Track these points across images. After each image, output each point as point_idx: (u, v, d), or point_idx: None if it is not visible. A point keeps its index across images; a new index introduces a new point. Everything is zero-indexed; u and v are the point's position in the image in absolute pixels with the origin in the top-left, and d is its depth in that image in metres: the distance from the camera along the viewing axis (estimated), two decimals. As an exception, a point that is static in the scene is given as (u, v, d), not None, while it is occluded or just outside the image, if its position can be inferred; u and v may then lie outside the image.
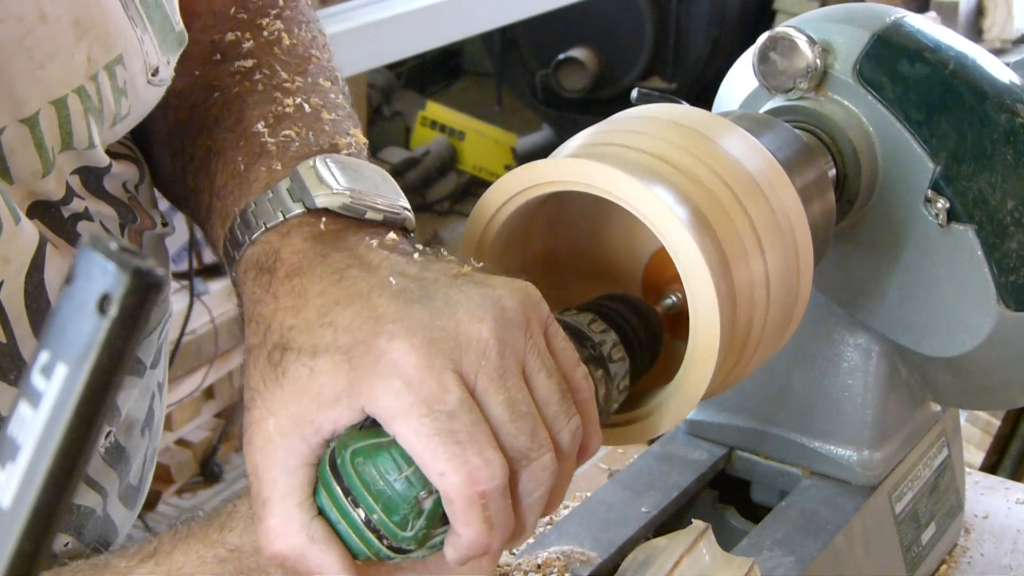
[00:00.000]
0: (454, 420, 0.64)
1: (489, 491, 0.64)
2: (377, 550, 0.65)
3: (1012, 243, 0.95)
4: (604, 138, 0.81)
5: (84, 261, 0.39)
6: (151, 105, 0.84)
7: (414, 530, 0.65)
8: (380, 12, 2.87)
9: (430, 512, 0.65)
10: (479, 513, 0.64)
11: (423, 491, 0.65)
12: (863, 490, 1.07)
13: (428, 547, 0.67)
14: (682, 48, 4.21)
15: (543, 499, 0.68)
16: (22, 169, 0.74)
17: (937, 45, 0.98)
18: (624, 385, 0.76)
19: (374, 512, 0.65)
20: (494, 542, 0.65)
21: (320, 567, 0.65)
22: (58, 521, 0.40)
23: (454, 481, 0.63)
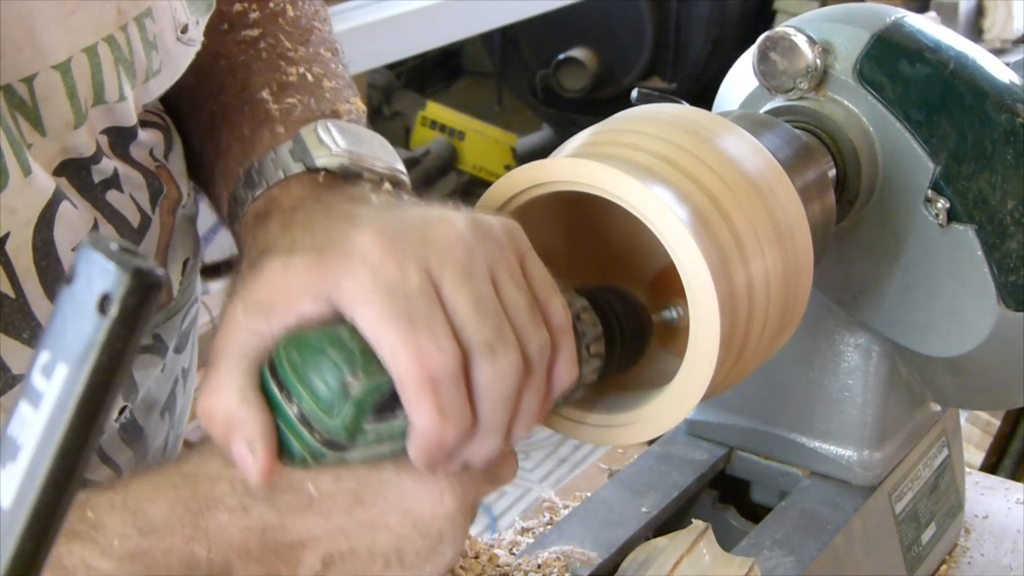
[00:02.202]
0: (411, 303, 0.64)
1: (439, 374, 0.63)
2: (310, 446, 0.64)
3: (1012, 243, 0.95)
4: (604, 138, 0.81)
5: (84, 261, 0.40)
6: (182, 65, 0.85)
7: (341, 416, 0.64)
8: (380, 12, 2.87)
9: (359, 399, 0.64)
10: (430, 397, 0.63)
11: (349, 374, 0.63)
12: (863, 490, 1.07)
13: (364, 447, 0.65)
14: (682, 48, 4.20)
15: (507, 402, 0.66)
16: (54, 119, 0.75)
17: (937, 45, 0.98)
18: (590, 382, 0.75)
19: (303, 400, 0.64)
20: (447, 433, 0.64)
21: (242, 424, 0.64)
22: (58, 521, 0.40)
23: (404, 361, 0.63)
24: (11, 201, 0.72)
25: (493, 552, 0.99)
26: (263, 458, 0.64)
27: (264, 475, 0.64)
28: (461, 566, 0.96)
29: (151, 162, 0.86)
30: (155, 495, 0.66)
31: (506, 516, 3.12)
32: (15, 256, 0.73)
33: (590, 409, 0.80)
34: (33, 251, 0.74)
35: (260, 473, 0.64)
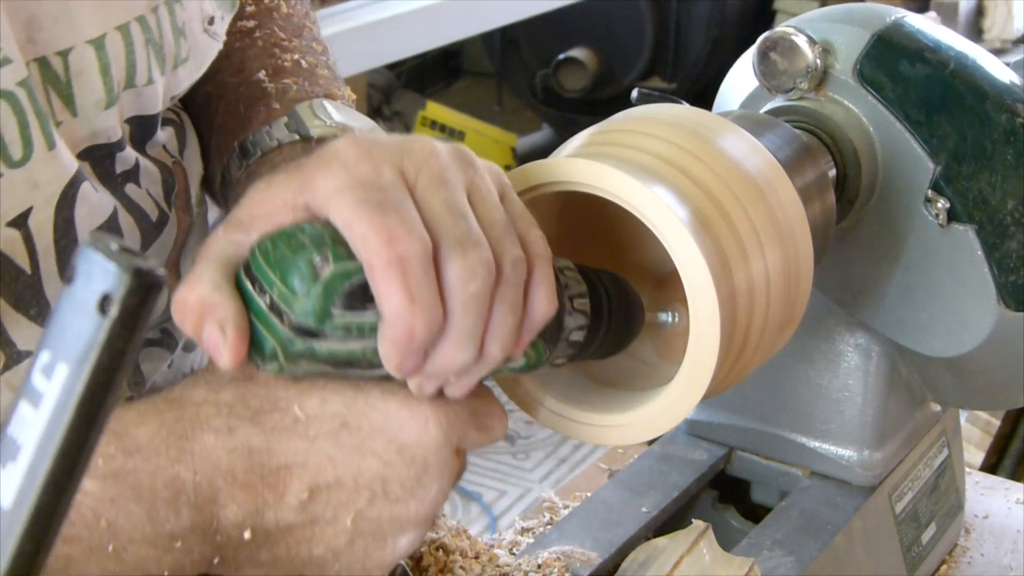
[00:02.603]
0: (384, 193, 0.64)
1: (408, 256, 0.62)
2: (280, 334, 0.63)
3: (1012, 243, 0.95)
4: (604, 138, 0.81)
5: (85, 261, 0.40)
6: (208, 58, 0.86)
7: (310, 297, 0.63)
8: (380, 12, 2.87)
9: (328, 281, 0.63)
10: (398, 278, 0.62)
11: (318, 255, 0.63)
12: (863, 490, 1.07)
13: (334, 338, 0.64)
14: (682, 48, 4.20)
15: (478, 303, 0.65)
16: (86, 96, 0.75)
17: (937, 45, 0.98)
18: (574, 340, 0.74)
19: (274, 286, 0.63)
20: (417, 321, 0.63)
21: (214, 309, 0.63)
22: (59, 521, 0.40)
23: (373, 243, 0.62)
24: (35, 175, 0.72)
25: (493, 552, 0.99)
26: (233, 338, 0.63)
27: (234, 355, 0.63)
28: (461, 566, 0.96)
29: (167, 157, 0.87)
30: (140, 419, 0.66)
31: (506, 516, 3.13)
32: (37, 232, 0.73)
33: (590, 409, 0.80)
34: (54, 229, 0.74)
35: (230, 353, 0.63)
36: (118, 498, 0.63)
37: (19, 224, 0.72)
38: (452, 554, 0.97)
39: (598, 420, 0.79)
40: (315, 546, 0.67)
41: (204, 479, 0.65)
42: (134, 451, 0.65)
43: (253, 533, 0.66)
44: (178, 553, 0.64)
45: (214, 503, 0.65)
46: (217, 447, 0.65)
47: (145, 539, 0.64)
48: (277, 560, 0.67)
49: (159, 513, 0.64)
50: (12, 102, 0.70)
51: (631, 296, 0.79)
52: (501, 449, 3.41)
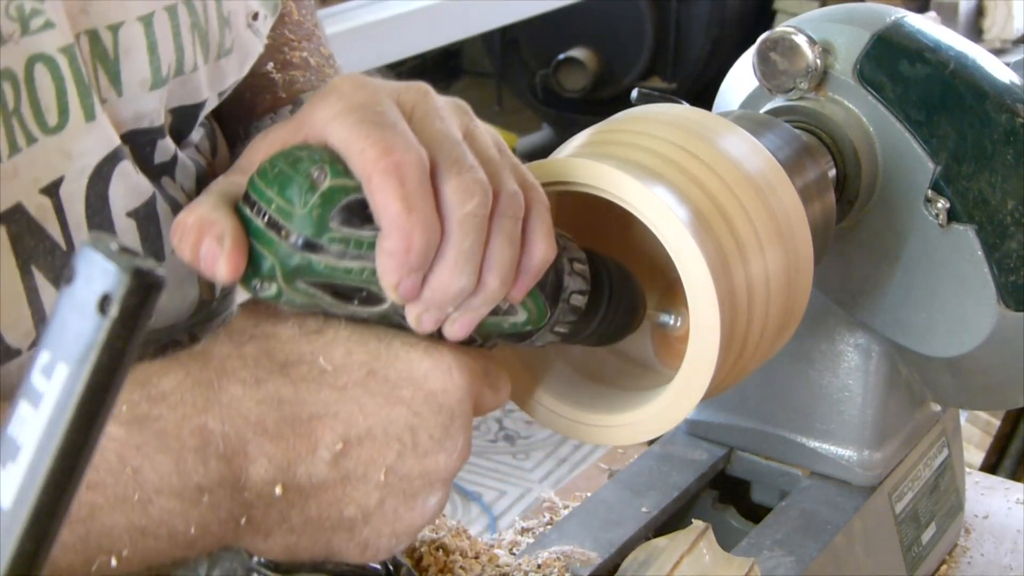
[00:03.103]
0: (382, 115, 0.64)
1: (404, 164, 0.62)
2: (278, 250, 0.63)
3: (1012, 243, 0.95)
4: (604, 138, 0.81)
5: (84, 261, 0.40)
6: (250, 54, 0.86)
7: (307, 207, 0.62)
8: (380, 12, 2.87)
9: (326, 192, 0.63)
10: (395, 187, 0.62)
11: (316, 169, 0.63)
12: (863, 490, 1.07)
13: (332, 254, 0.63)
14: (682, 48, 4.20)
15: (476, 224, 0.65)
16: (131, 75, 0.75)
17: (937, 45, 0.98)
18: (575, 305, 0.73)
19: (271, 202, 0.63)
20: (414, 231, 0.62)
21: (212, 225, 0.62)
22: (59, 521, 0.40)
23: (370, 154, 0.62)
24: (68, 144, 0.71)
25: (493, 552, 0.99)
26: (230, 248, 0.62)
27: (231, 266, 0.62)
28: (461, 566, 0.96)
29: (201, 157, 0.87)
30: (163, 370, 0.65)
31: (506, 516, 3.13)
32: (67, 204, 0.72)
33: (590, 409, 0.80)
34: (86, 204, 0.73)
35: (228, 264, 0.62)
36: (143, 446, 0.62)
37: (51, 192, 0.71)
38: (452, 554, 0.97)
39: (598, 420, 0.79)
40: (346, 507, 0.66)
41: (232, 430, 0.63)
42: (159, 399, 0.63)
43: (285, 490, 0.64)
44: (205, 508, 0.63)
45: (243, 455, 0.63)
46: (245, 397, 0.64)
47: (172, 491, 0.62)
48: (308, 523, 0.66)
49: (186, 463, 0.62)
50: (51, 67, 0.70)
51: (633, 281, 0.79)
52: (501, 449, 3.41)
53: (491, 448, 3.39)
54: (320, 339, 0.66)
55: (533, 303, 0.71)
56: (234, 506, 0.64)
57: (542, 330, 0.72)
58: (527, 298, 0.70)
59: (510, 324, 0.71)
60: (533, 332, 0.72)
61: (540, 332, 0.73)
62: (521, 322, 0.71)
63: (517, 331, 0.72)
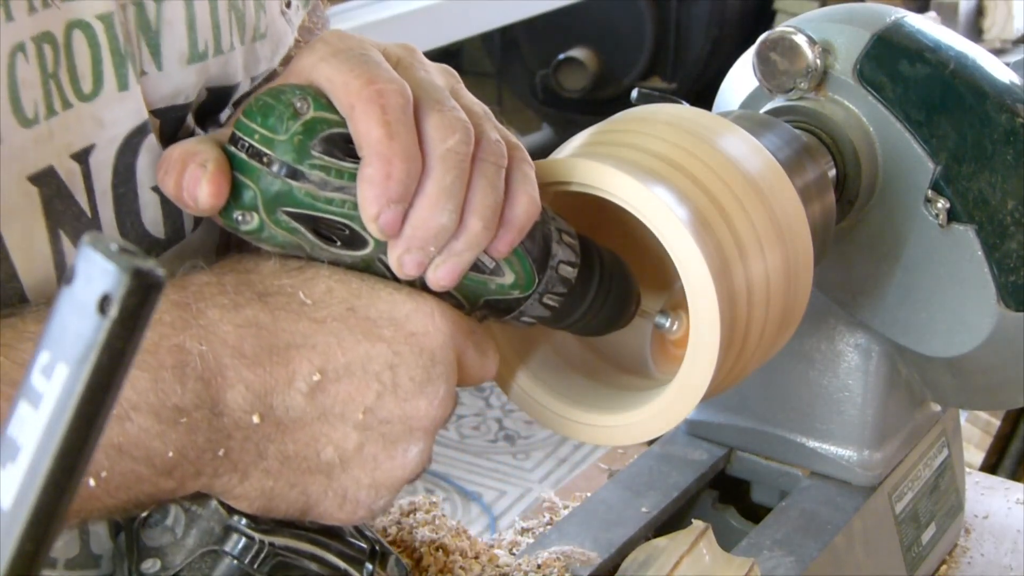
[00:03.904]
0: (366, 55, 0.65)
1: (387, 93, 0.63)
2: (259, 178, 0.63)
3: (1012, 243, 0.95)
4: (604, 138, 0.81)
5: (84, 261, 0.40)
6: (283, 43, 0.86)
7: (289, 134, 0.63)
8: (380, 12, 2.87)
9: (308, 121, 0.63)
10: (377, 114, 0.63)
11: (299, 100, 0.64)
12: (863, 490, 1.07)
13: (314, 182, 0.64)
14: (682, 48, 4.20)
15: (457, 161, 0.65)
16: (170, 47, 0.75)
17: (937, 45, 0.98)
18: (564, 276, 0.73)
19: (254, 133, 0.64)
20: (395, 159, 0.63)
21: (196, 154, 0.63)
22: (59, 522, 0.40)
23: (353, 85, 0.63)
24: (100, 112, 0.71)
25: (493, 552, 0.99)
26: (213, 171, 0.63)
27: (214, 188, 0.62)
28: (461, 566, 0.96)
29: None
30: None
31: (506, 516, 3.13)
32: (96, 172, 0.72)
33: (590, 409, 0.80)
34: (114, 174, 0.73)
35: (210, 186, 0.62)
36: None
37: (81, 159, 0.71)
38: (452, 554, 0.97)
39: (598, 420, 0.79)
40: (324, 447, 0.65)
41: (210, 351, 0.63)
42: None
43: (262, 420, 0.64)
44: (183, 431, 0.62)
45: (221, 378, 0.63)
46: (223, 320, 0.64)
47: (149, 408, 0.61)
48: (285, 462, 0.65)
49: (164, 382, 0.62)
50: (88, 34, 0.69)
51: (626, 268, 0.78)
52: (501, 449, 3.41)
53: (491, 448, 3.39)
54: (301, 275, 0.66)
55: (520, 264, 0.71)
56: (212, 432, 0.63)
57: (530, 298, 0.72)
58: (513, 258, 0.70)
59: (497, 285, 0.70)
60: (521, 300, 0.72)
61: (528, 301, 0.72)
62: (508, 284, 0.71)
63: (504, 295, 0.71)
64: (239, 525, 0.66)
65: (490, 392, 3.55)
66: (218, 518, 0.66)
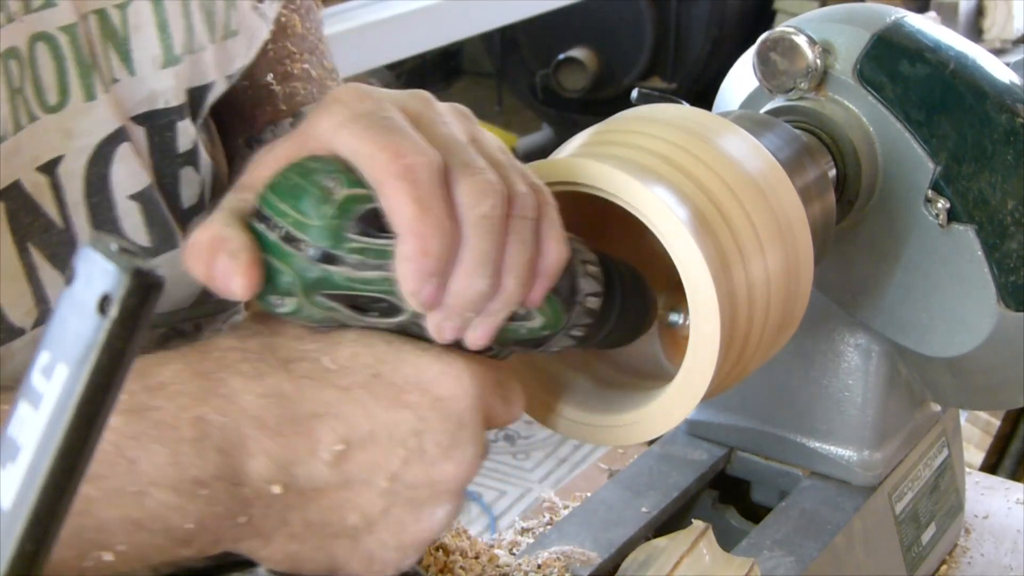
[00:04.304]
0: (389, 120, 0.63)
1: (417, 167, 0.61)
2: (295, 263, 0.62)
3: (1012, 243, 0.95)
4: (604, 138, 0.81)
5: (84, 262, 0.40)
6: (256, 38, 0.86)
7: (323, 219, 0.61)
8: (380, 12, 2.87)
9: (341, 202, 0.62)
10: (408, 190, 0.61)
11: (329, 179, 0.62)
12: (863, 490, 1.07)
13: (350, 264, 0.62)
14: (682, 48, 4.20)
15: (491, 226, 0.63)
16: (143, 52, 0.74)
17: (937, 45, 0.98)
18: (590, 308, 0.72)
19: (286, 216, 0.62)
20: (428, 232, 0.61)
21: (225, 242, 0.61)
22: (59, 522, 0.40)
23: (381, 159, 0.61)
24: (68, 123, 0.71)
25: (493, 552, 0.99)
26: (247, 262, 0.61)
27: (248, 280, 0.61)
28: (461, 566, 0.96)
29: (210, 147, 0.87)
30: (162, 361, 0.63)
31: (506, 516, 3.13)
32: (66, 182, 0.72)
33: (590, 409, 0.80)
34: (86, 184, 0.73)
35: (243, 278, 0.60)
36: (140, 436, 0.60)
37: (48, 171, 0.71)
38: (452, 554, 0.97)
39: (598, 420, 0.79)
40: (348, 513, 0.64)
41: (231, 422, 0.62)
42: (157, 389, 0.62)
43: (284, 489, 0.63)
44: (202, 503, 0.61)
45: (242, 449, 0.62)
46: (245, 391, 0.62)
47: (169, 483, 0.61)
48: (309, 527, 0.64)
49: (184, 455, 0.61)
50: (52, 45, 0.69)
51: (643, 282, 0.78)
52: (501, 449, 3.41)
53: (491, 448, 3.39)
54: (326, 339, 0.65)
55: (549, 307, 0.70)
56: (232, 502, 0.62)
57: (558, 335, 0.72)
58: (544, 304, 0.69)
59: (527, 330, 0.70)
60: (549, 338, 0.71)
61: (556, 337, 0.72)
62: (538, 327, 0.70)
63: (534, 336, 0.71)
64: None
65: (490, 392, 3.54)
66: None
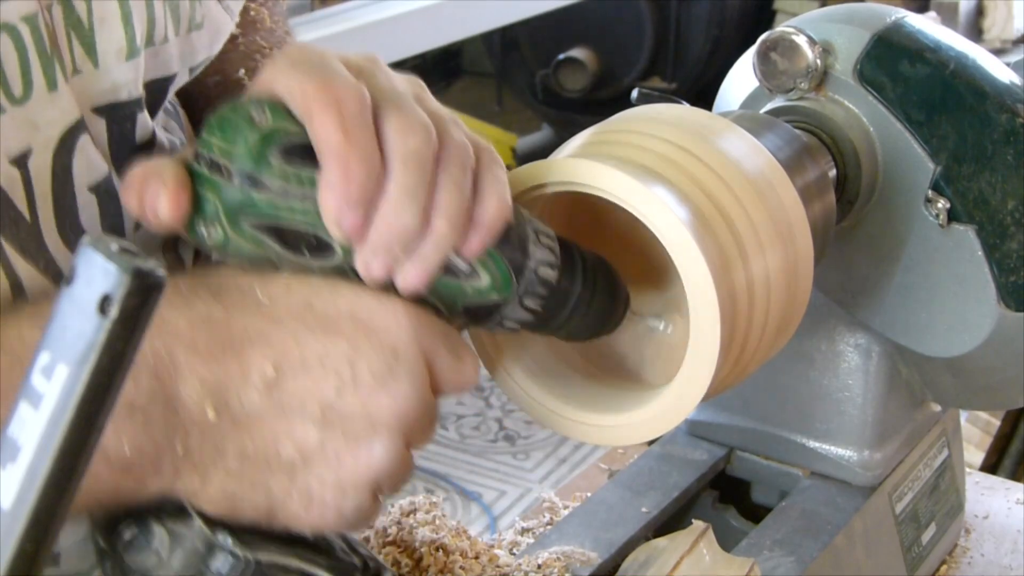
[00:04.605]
0: (325, 64, 0.65)
1: (344, 98, 0.63)
2: (220, 189, 0.64)
3: (1012, 243, 0.95)
4: (604, 138, 0.81)
5: (85, 262, 0.40)
6: (221, 31, 0.86)
7: (247, 144, 0.63)
8: (380, 12, 2.87)
9: (266, 130, 0.64)
10: (334, 117, 0.63)
11: (257, 112, 0.64)
12: (863, 490, 1.07)
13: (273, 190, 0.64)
14: (682, 48, 4.21)
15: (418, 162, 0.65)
16: (107, 44, 0.75)
17: (937, 45, 0.98)
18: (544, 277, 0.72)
19: (213, 146, 0.64)
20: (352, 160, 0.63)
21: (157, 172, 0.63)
22: (59, 522, 0.40)
23: (310, 91, 0.63)
24: (34, 115, 0.71)
25: (493, 552, 0.99)
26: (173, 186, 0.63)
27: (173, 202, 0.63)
28: (461, 567, 0.96)
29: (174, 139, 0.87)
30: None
31: (506, 516, 3.13)
32: (36, 177, 0.72)
33: (591, 409, 0.80)
34: (52, 177, 0.73)
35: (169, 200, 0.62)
36: None
37: (20, 164, 0.71)
38: (452, 554, 0.97)
39: (598, 420, 0.79)
40: (283, 445, 0.64)
41: (163, 346, 0.62)
42: None
43: (218, 415, 0.63)
44: (139, 426, 0.61)
45: (175, 372, 0.62)
46: (177, 318, 0.63)
47: None
48: (245, 460, 0.64)
49: None
50: (13, 36, 0.69)
51: (610, 269, 0.77)
52: (501, 449, 3.41)
53: (491, 448, 3.39)
54: (260, 276, 0.66)
55: (496, 266, 0.70)
56: (168, 428, 0.62)
57: (510, 302, 0.71)
58: (488, 260, 0.69)
59: (473, 289, 0.69)
60: (501, 304, 0.71)
61: (509, 305, 0.71)
62: (485, 287, 0.69)
63: (482, 299, 0.70)
64: (224, 544, 0.65)
65: (490, 392, 3.55)
66: (202, 537, 0.65)
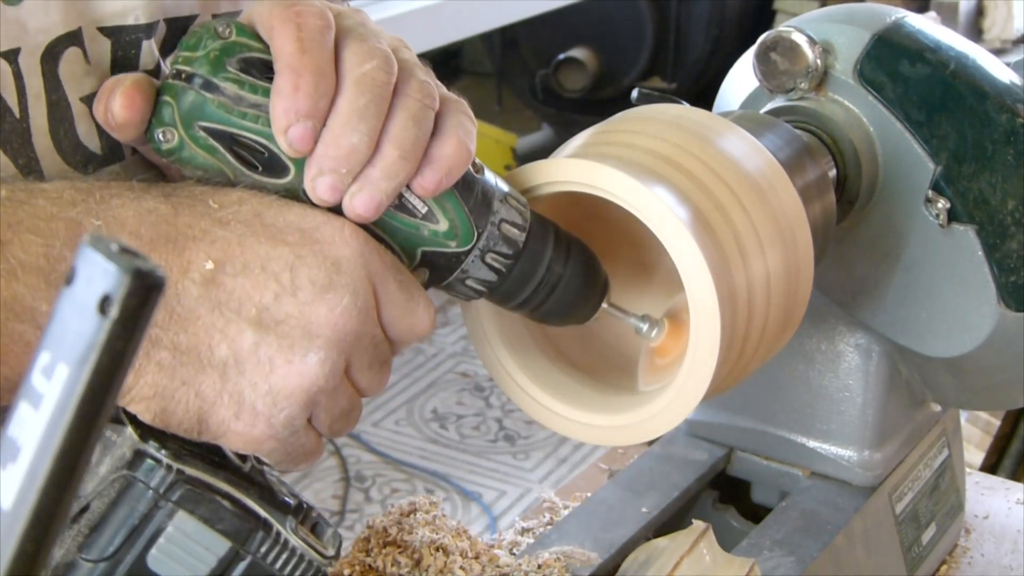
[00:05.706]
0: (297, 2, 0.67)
1: (305, 14, 0.65)
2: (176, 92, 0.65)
3: (1013, 243, 0.95)
4: (604, 138, 0.81)
5: (84, 261, 0.40)
6: None
7: (206, 50, 0.65)
8: (380, 12, 2.87)
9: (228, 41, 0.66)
10: (292, 31, 0.64)
11: (223, 26, 0.66)
12: (863, 490, 1.07)
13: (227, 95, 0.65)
14: (682, 48, 4.20)
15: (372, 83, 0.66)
16: None
17: (937, 45, 0.98)
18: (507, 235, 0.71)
19: (178, 58, 0.66)
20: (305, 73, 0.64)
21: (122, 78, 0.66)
22: (59, 522, 0.40)
23: (275, 10, 0.65)
24: (24, 18, 0.71)
25: (493, 552, 0.99)
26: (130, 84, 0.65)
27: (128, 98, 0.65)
28: (461, 567, 0.96)
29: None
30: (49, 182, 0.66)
31: (506, 516, 3.13)
32: (27, 74, 0.72)
33: (591, 409, 0.80)
34: (43, 79, 0.73)
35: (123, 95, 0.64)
36: (16, 224, 0.62)
37: (10, 59, 0.71)
38: (452, 554, 0.96)
39: (598, 420, 0.79)
40: (217, 343, 0.64)
41: (105, 228, 0.63)
42: (39, 192, 0.64)
43: None
44: None
45: None
46: (124, 207, 0.64)
47: (39, 270, 0.62)
48: (178, 354, 0.64)
49: (55, 249, 0.62)
50: None
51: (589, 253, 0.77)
52: (501, 449, 3.41)
53: (491, 448, 3.39)
54: (215, 187, 0.67)
55: (455, 212, 0.70)
56: None
57: (471, 254, 0.70)
58: (447, 205, 0.69)
59: (430, 232, 0.69)
60: (461, 256, 0.70)
61: (469, 258, 0.71)
62: (443, 232, 0.70)
63: (441, 246, 0.70)
64: (149, 450, 0.64)
65: (490, 392, 3.55)
66: (131, 443, 0.64)
